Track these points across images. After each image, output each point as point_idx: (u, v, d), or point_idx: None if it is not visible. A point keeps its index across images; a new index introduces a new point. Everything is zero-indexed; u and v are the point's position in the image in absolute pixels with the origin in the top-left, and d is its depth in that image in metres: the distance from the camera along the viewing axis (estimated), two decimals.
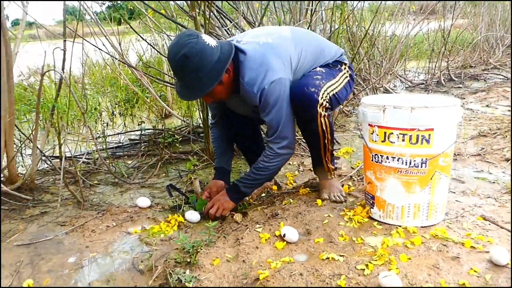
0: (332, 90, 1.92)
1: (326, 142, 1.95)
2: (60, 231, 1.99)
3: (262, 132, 2.45)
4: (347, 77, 2.04)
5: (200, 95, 1.79)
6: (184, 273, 1.52)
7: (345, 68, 2.05)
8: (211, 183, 2.19)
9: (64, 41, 2.38)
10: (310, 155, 2.14)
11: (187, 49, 1.66)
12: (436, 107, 1.58)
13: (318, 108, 1.84)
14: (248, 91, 1.81)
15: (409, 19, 5.19)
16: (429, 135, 1.60)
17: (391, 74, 5.07)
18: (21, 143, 2.92)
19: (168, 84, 3.83)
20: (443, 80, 5.40)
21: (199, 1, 2.37)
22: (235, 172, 2.67)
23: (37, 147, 2.44)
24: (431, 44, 5.74)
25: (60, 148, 2.18)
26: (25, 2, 2.43)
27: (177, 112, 4.06)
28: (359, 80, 4.68)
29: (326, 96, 1.87)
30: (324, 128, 1.90)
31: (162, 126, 3.72)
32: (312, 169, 2.56)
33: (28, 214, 2.20)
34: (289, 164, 2.74)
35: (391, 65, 4.87)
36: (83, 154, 3.11)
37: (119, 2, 4.08)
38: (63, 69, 2.34)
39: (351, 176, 2.35)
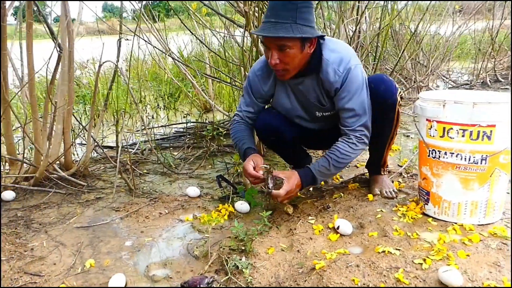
0: None
1: (395, 131, 1.95)
2: (115, 216, 2.07)
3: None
4: None
5: (288, 34, 1.61)
6: (240, 259, 1.55)
7: None
8: (253, 156, 1.91)
9: (120, 33, 2.47)
10: (369, 151, 2.12)
11: None
12: (499, 103, 1.55)
13: (397, 95, 1.84)
14: (332, 70, 1.75)
15: (455, 19, 5.05)
16: (491, 131, 1.57)
17: (433, 74, 4.97)
18: (74, 132, 3.04)
19: (211, 78, 3.89)
20: (489, 81, 5.24)
21: None
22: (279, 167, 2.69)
23: (91, 136, 2.54)
24: (477, 44, 5.57)
25: (117, 137, 2.26)
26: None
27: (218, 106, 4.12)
28: (401, 79, 4.61)
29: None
30: (398, 116, 1.90)
31: (206, 119, 3.79)
32: (357, 165, 2.57)
33: (84, 199, 2.30)
34: None
35: (435, 65, 4.76)
36: (130, 145, 3.22)
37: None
38: (117, 60, 2.43)
39: (400, 173, 2.32)
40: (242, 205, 2.07)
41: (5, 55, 1.99)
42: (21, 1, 2.40)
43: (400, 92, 1.87)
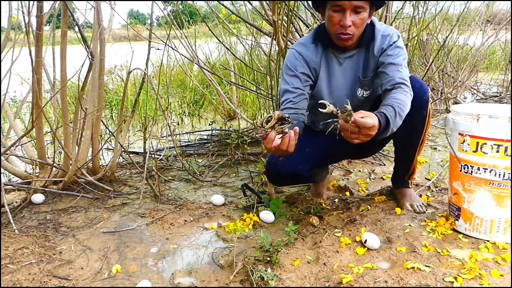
0: None
1: (425, 133, 1.90)
2: (141, 222, 2.09)
3: None
4: None
5: None
6: (266, 271, 1.54)
7: None
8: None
9: (149, 42, 2.51)
10: (396, 159, 2.07)
11: None
12: None
13: (428, 93, 1.81)
14: (384, 38, 1.78)
15: (485, 29, 4.95)
16: None
17: (461, 86, 4.86)
18: (101, 137, 3.09)
19: (237, 86, 3.91)
20: None
21: (281, 3, 2.39)
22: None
23: (119, 142, 2.57)
24: (507, 55, 5.44)
25: (144, 144, 2.29)
26: (113, 2, 2.59)
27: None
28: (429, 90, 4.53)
29: None
30: (429, 116, 1.86)
31: (229, 127, 3.80)
32: (384, 177, 2.53)
33: (110, 204, 2.33)
34: (359, 171, 2.71)
35: (464, 77, 4.67)
36: (156, 151, 3.25)
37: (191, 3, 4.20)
38: (146, 67, 2.46)
39: (429, 187, 2.28)
40: (267, 215, 2.06)
41: (41, 62, 2.05)
42: (54, 7, 2.46)
43: (429, 93, 1.85)
